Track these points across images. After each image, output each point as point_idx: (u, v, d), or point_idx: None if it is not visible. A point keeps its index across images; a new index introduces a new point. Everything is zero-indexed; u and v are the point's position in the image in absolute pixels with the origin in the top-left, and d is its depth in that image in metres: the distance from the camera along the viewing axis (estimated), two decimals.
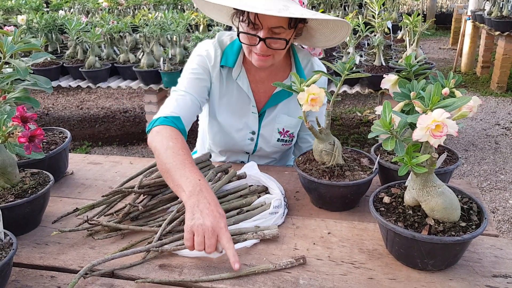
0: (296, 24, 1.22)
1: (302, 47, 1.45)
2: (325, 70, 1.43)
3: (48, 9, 5.42)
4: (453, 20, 7.29)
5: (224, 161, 1.56)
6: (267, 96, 1.41)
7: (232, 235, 1.04)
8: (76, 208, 1.18)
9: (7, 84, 1.02)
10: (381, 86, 1.14)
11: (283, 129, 1.45)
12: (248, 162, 1.54)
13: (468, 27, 5.66)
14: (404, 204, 0.97)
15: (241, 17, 1.21)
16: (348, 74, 1.10)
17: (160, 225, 1.09)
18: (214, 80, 1.38)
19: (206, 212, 0.96)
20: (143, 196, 1.22)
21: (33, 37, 1.21)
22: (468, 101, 0.85)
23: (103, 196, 1.21)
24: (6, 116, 0.90)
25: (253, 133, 1.46)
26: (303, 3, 1.22)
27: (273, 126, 1.44)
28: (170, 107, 1.28)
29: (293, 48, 1.40)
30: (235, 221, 1.09)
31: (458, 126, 0.82)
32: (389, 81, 1.13)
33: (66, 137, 1.41)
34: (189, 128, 1.33)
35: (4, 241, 0.91)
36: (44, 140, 1.37)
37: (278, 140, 1.46)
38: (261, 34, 1.19)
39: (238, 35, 1.24)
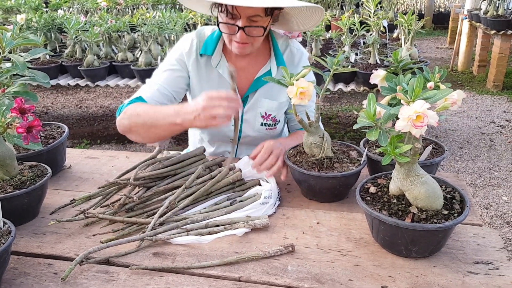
0: (273, 11, 1.29)
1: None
2: (304, 51, 1.48)
3: (47, 9, 5.44)
4: (450, 19, 7.33)
5: (214, 152, 1.61)
6: (248, 82, 1.46)
7: (223, 225, 1.08)
8: (73, 200, 1.21)
9: (6, 78, 1.06)
10: (370, 81, 1.17)
11: (266, 113, 1.49)
12: (236, 151, 1.58)
13: (464, 27, 5.69)
14: (389, 193, 1.00)
15: (219, 8, 1.29)
16: (336, 69, 1.14)
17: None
18: (190, 68, 1.44)
19: (196, 102, 1.12)
20: (138, 188, 1.26)
21: (31, 33, 1.24)
22: (448, 93, 0.89)
23: (99, 188, 1.24)
24: (5, 108, 0.93)
25: None
26: None
27: (255, 110, 1.48)
28: (135, 94, 1.39)
29: (271, 35, 1.46)
30: (227, 211, 1.13)
31: (438, 117, 0.86)
32: (377, 76, 1.16)
33: (64, 131, 1.44)
34: None
35: (3, 229, 0.95)
36: (42, 134, 1.40)
37: (262, 124, 1.50)
38: (239, 23, 1.26)
39: (218, 25, 1.32)
